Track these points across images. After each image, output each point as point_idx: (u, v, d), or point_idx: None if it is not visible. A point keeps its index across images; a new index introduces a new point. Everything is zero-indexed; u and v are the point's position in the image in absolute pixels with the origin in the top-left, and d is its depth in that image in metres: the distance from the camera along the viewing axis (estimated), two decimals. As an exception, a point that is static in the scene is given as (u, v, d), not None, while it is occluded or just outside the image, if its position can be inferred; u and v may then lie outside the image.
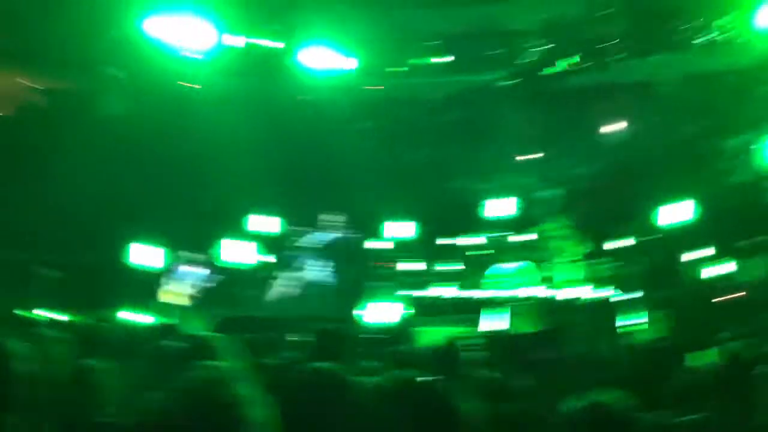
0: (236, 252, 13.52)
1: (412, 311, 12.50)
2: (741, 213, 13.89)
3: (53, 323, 8.93)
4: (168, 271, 12.54)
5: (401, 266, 14.35)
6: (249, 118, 16.86)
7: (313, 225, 13.34)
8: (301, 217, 14.25)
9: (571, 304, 12.22)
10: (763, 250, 12.89)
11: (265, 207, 15.44)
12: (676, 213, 13.47)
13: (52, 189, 14.19)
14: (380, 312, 11.54)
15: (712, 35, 15.53)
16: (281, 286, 13.04)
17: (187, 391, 1.92)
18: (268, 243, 14.83)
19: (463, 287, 13.82)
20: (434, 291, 13.84)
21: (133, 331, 7.15)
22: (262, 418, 1.91)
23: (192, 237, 14.23)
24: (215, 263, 12.95)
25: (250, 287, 13.76)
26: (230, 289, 13.30)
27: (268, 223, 14.91)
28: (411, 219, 14.26)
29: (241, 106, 16.69)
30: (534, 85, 18.48)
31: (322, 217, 12.82)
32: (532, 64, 18.34)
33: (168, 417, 1.88)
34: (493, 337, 10.83)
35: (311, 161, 17.85)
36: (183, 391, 1.92)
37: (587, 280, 13.43)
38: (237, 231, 14.50)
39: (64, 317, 10.46)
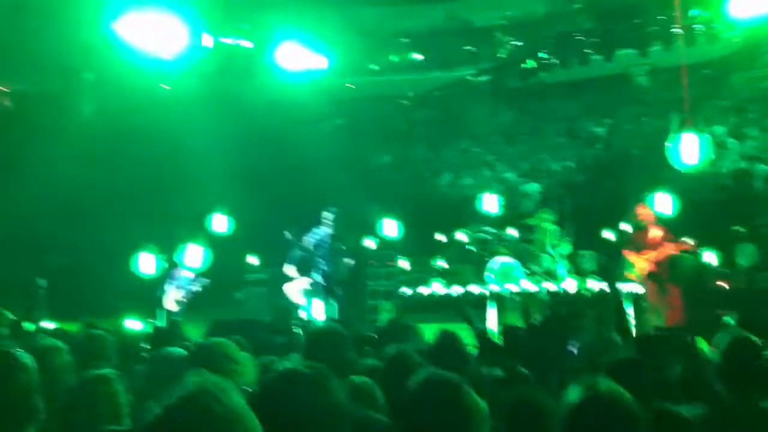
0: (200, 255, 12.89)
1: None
2: (723, 203, 14.10)
3: (50, 332, 8.68)
4: (167, 276, 12.22)
5: (390, 264, 14.27)
6: (222, 119, 16.66)
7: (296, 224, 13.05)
8: (277, 216, 14.00)
9: (564, 297, 12.20)
10: (748, 239, 13.07)
11: (241, 207, 15.25)
12: (659, 204, 13.45)
13: (25, 193, 13.83)
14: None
15: (684, 27, 15.61)
16: (267, 287, 12.81)
17: (179, 404, 1.88)
18: (251, 244, 14.66)
19: (450, 283, 13.75)
20: (423, 288, 13.72)
21: (131, 339, 6.96)
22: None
23: (168, 239, 13.95)
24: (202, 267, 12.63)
25: (239, 290, 13.55)
26: (221, 292, 13.04)
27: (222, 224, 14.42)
28: (394, 217, 14.13)
29: (214, 107, 16.49)
30: (506, 81, 18.55)
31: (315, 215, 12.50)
32: (502, 61, 18.37)
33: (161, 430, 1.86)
34: (488, 331, 10.78)
35: (285, 160, 17.71)
36: (175, 404, 1.88)
37: (576, 273, 13.46)
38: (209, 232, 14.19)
39: (55, 325, 10.18)
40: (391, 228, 13.91)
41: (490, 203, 13.34)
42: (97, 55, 14.87)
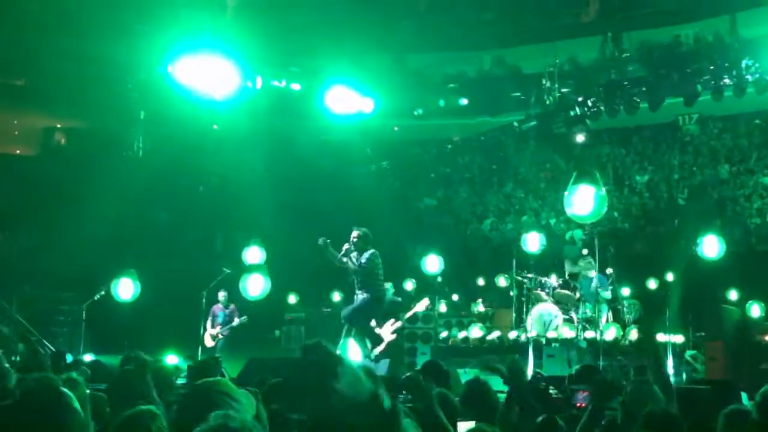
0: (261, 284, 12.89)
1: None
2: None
3: (87, 364, 8.82)
4: (207, 313, 12.38)
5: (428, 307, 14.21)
6: (270, 159, 16.93)
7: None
8: (319, 256, 14.06)
9: (605, 345, 12.04)
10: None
11: (285, 245, 15.35)
12: (704, 254, 13.06)
13: (76, 227, 14.18)
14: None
15: (735, 77, 15.40)
16: (305, 324, 12.82)
17: None
18: (292, 282, 14.72)
19: (489, 328, 13.69)
20: (462, 333, 13.69)
21: (166, 374, 7.02)
22: None
23: (214, 274, 14.11)
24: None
25: (278, 328, 13.60)
26: (261, 330, 13.13)
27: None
28: (437, 252, 14.07)
29: (263, 147, 16.77)
30: (553, 127, 18.47)
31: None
32: (549, 107, 18.33)
33: None
34: (527, 378, 10.65)
35: (331, 201, 17.85)
36: None
37: (617, 322, 13.31)
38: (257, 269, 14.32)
39: (92, 357, 10.36)
40: (433, 264, 13.87)
41: (533, 242, 13.26)
42: (150, 93, 15.30)
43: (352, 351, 10.49)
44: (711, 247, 12.37)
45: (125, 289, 11.48)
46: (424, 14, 20.23)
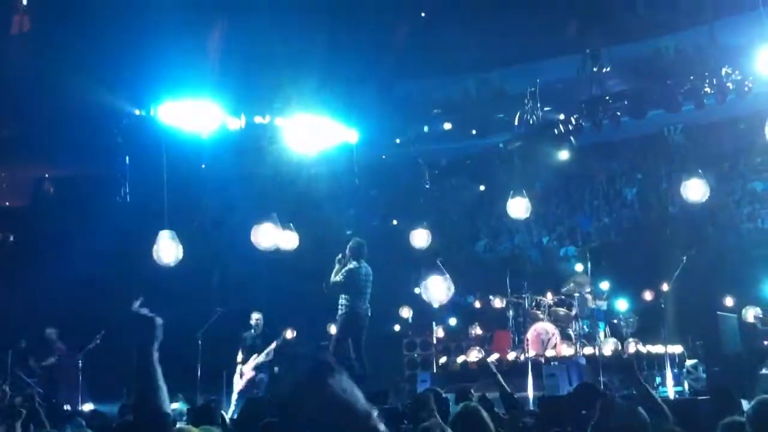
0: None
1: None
2: (766, 259, 13.83)
3: (86, 415, 8.78)
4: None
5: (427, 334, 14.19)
6: (258, 194, 16.92)
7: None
8: (315, 290, 14.07)
9: (604, 361, 11.99)
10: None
11: (278, 281, 15.33)
12: (689, 198, 12.45)
13: (69, 275, 14.18)
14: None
15: (716, 85, 15.49)
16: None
17: None
18: (288, 318, 14.71)
19: (488, 352, 13.64)
20: (460, 357, 13.64)
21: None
22: None
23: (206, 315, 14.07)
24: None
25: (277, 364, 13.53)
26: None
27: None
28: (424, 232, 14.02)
29: (250, 183, 16.79)
30: (538, 146, 18.54)
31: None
32: (534, 126, 18.40)
33: None
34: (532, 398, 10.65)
35: (323, 233, 17.84)
36: None
37: (614, 335, 13.28)
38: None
39: (92, 407, 10.30)
40: (420, 238, 13.86)
41: (518, 209, 13.25)
42: (135, 138, 15.33)
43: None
44: (695, 190, 12.06)
45: (167, 251, 10.17)
46: (406, 42, 20.33)
